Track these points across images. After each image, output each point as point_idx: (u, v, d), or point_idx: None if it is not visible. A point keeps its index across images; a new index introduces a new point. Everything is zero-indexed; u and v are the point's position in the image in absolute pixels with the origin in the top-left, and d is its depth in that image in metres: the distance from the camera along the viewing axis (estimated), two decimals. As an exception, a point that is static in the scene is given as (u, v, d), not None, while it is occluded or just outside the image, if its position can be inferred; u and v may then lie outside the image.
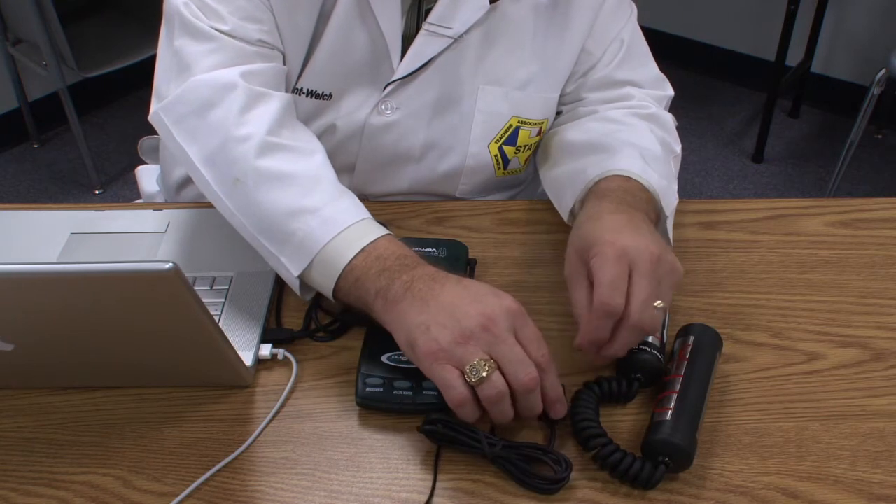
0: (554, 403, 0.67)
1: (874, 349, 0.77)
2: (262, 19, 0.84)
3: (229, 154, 0.78)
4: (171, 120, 0.81)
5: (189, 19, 0.82)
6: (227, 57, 0.82)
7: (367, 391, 0.70)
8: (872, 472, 0.66)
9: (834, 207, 0.94)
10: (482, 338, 0.64)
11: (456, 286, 0.68)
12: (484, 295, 0.67)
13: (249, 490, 0.65)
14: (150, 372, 0.72)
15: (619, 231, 0.70)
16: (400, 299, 0.68)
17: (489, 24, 0.88)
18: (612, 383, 0.70)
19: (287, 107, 0.83)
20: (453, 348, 0.64)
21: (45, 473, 0.66)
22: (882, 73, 2.05)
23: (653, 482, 0.64)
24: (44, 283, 0.58)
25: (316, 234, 0.74)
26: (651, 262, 0.68)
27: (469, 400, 0.64)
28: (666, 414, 0.66)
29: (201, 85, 0.80)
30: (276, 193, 0.76)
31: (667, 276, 0.70)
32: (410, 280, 0.69)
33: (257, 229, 0.77)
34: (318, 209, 0.75)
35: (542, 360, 0.65)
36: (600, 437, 0.66)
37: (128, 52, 2.37)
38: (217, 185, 0.79)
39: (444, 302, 0.66)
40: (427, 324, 0.65)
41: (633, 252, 0.68)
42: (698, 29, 3.00)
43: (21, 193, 2.52)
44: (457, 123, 0.93)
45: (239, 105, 0.79)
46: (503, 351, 0.64)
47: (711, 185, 2.53)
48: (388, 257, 0.72)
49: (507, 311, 0.66)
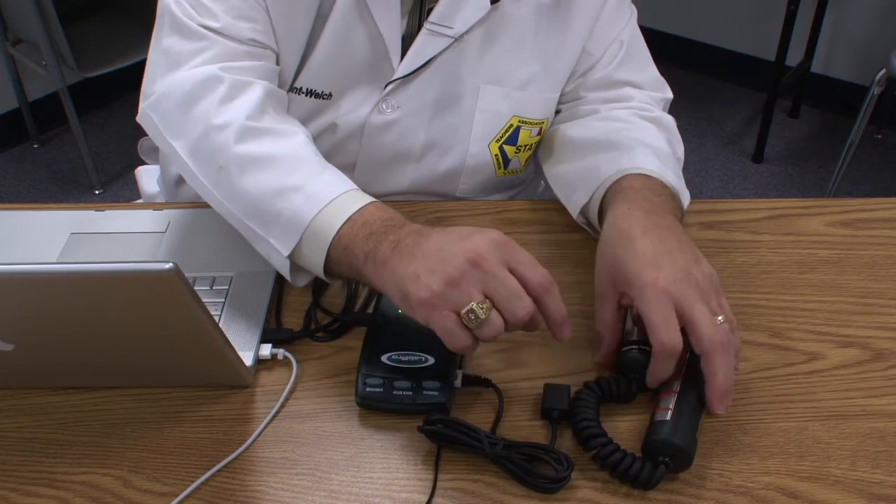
0: (559, 325, 0.67)
1: (874, 349, 0.76)
2: (256, 18, 0.84)
3: (211, 143, 0.78)
4: (159, 117, 0.82)
5: (179, 18, 0.83)
6: (216, 54, 0.82)
7: (367, 391, 0.70)
8: (872, 472, 0.66)
9: (834, 207, 0.94)
10: (473, 275, 0.64)
11: (441, 233, 0.67)
12: (469, 234, 0.66)
13: (249, 490, 0.65)
14: (150, 372, 0.72)
15: (656, 264, 0.69)
16: (388, 258, 0.68)
17: (490, 24, 0.88)
18: (612, 383, 0.70)
19: (269, 93, 0.83)
20: (446, 291, 0.63)
21: (45, 473, 0.66)
22: (882, 73, 2.05)
23: (653, 482, 0.63)
24: (44, 283, 0.58)
25: (302, 211, 0.74)
26: (694, 286, 0.68)
27: (472, 345, 0.64)
28: (666, 414, 0.66)
29: (185, 80, 0.81)
30: (259, 176, 0.76)
31: (712, 292, 0.69)
32: (397, 239, 0.68)
33: (244, 214, 0.77)
34: (302, 186, 0.75)
35: (543, 281, 0.65)
36: (600, 437, 0.65)
37: (128, 52, 2.37)
38: (203, 175, 0.79)
39: (430, 249, 0.66)
40: (417, 272, 0.65)
41: (673, 287, 0.68)
42: (698, 29, 3.00)
43: (21, 193, 2.52)
44: (457, 123, 0.93)
45: (220, 95, 0.80)
46: (495, 285, 0.64)
47: (711, 185, 2.53)
48: (374, 222, 0.71)
49: (493, 244, 0.65)
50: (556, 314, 0.66)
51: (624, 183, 0.80)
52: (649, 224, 0.74)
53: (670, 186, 0.81)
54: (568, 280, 0.84)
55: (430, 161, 0.95)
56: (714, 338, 0.66)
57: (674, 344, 0.66)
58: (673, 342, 0.66)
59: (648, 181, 0.80)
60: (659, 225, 0.74)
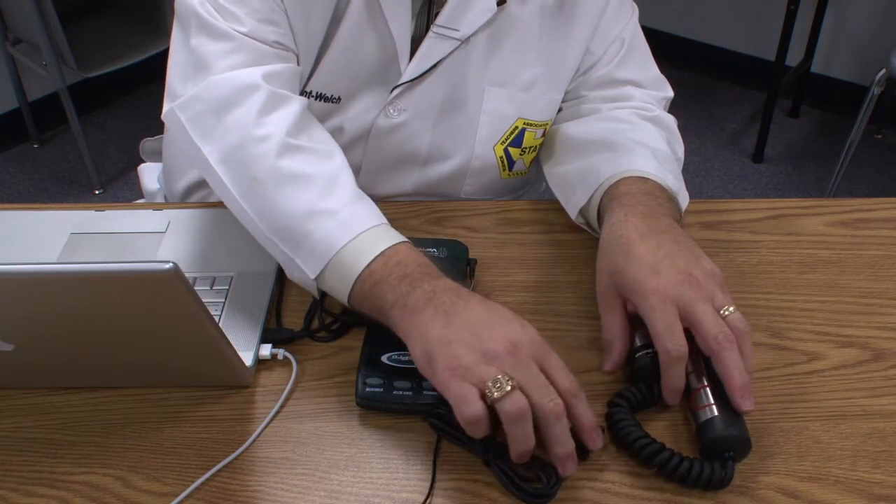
0: (589, 432, 0.64)
1: (874, 349, 0.77)
2: (278, 21, 0.83)
3: (248, 153, 0.77)
4: (187, 117, 0.80)
5: (206, 19, 0.82)
6: (246, 57, 0.81)
7: (367, 391, 0.70)
8: (872, 472, 0.66)
9: (834, 207, 0.94)
10: (506, 361, 0.62)
11: (480, 305, 0.66)
12: (510, 321, 0.65)
13: (249, 490, 0.65)
14: (150, 372, 0.72)
15: (656, 269, 0.69)
16: (421, 309, 0.66)
17: (496, 26, 0.88)
18: (638, 392, 0.69)
19: (305, 110, 0.82)
20: (475, 366, 0.61)
21: (45, 473, 0.66)
22: (882, 73, 2.05)
23: (726, 480, 0.63)
24: (44, 283, 0.58)
25: (333, 237, 0.72)
26: (695, 287, 0.68)
27: (483, 417, 0.61)
28: (711, 410, 0.66)
29: (220, 84, 0.79)
30: (294, 194, 0.75)
31: (716, 287, 0.69)
32: (433, 290, 0.67)
33: (272, 230, 0.75)
34: (336, 212, 0.74)
35: (570, 387, 0.63)
36: (663, 452, 0.64)
37: (128, 52, 2.37)
38: (232, 184, 0.77)
39: (468, 320, 0.64)
40: (449, 339, 0.63)
41: (675, 291, 0.68)
42: (698, 29, 3.00)
43: (21, 193, 2.52)
44: (462, 125, 0.93)
45: (259, 106, 0.78)
46: (527, 376, 0.62)
47: (711, 185, 2.53)
48: (408, 263, 0.70)
49: (531, 340, 0.64)
50: (584, 420, 0.64)
51: (621, 188, 0.80)
52: (647, 229, 0.74)
53: (668, 189, 0.81)
54: (568, 280, 0.84)
55: (435, 163, 0.95)
56: (719, 337, 0.66)
57: (679, 350, 0.66)
58: (678, 348, 0.66)
59: (646, 184, 0.80)
60: (656, 229, 0.74)
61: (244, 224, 0.79)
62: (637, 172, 0.81)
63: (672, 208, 0.79)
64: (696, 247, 0.73)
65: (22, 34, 2.42)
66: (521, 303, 0.81)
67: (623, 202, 0.78)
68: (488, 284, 0.84)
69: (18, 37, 2.46)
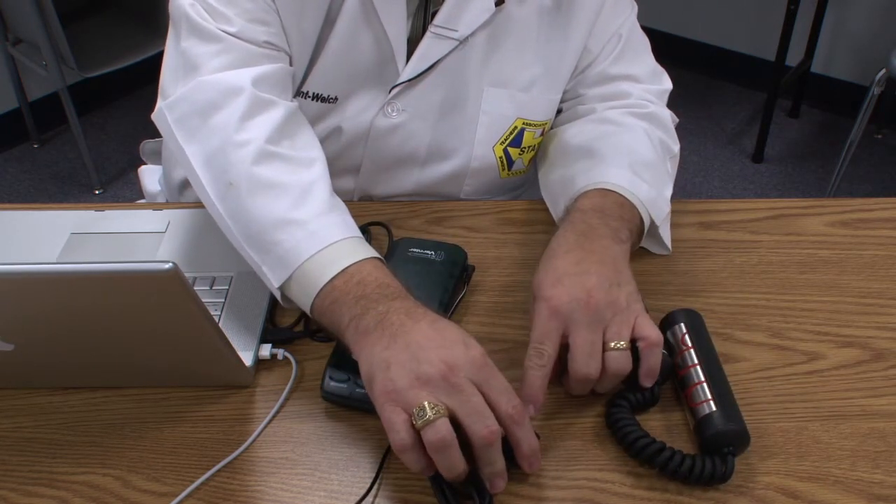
0: (527, 458, 0.63)
1: (874, 349, 0.76)
2: (269, 21, 0.83)
3: (226, 158, 0.77)
4: (174, 118, 0.80)
5: (196, 21, 0.82)
6: (235, 58, 0.81)
7: (331, 385, 0.70)
8: (872, 472, 0.66)
9: (834, 207, 0.94)
10: (440, 386, 0.60)
11: (428, 326, 0.64)
12: (453, 342, 0.63)
13: (249, 490, 0.65)
14: (150, 372, 0.72)
15: (560, 281, 0.70)
16: (371, 330, 0.65)
17: (494, 26, 0.88)
18: (636, 394, 0.69)
19: (290, 116, 0.82)
20: (406, 391, 0.60)
21: (45, 473, 0.66)
22: (882, 73, 2.05)
23: (728, 474, 0.63)
24: (44, 283, 0.58)
25: (300, 247, 0.72)
26: (587, 311, 0.68)
27: (410, 446, 0.59)
28: (708, 406, 0.66)
29: (207, 86, 0.80)
30: (266, 202, 0.75)
31: (616, 317, 0.69)
32: (386, 312, 0.66)
33: (243, 236, 0.75)
34: (306, 222, 0.73)
35: (513, 412, 0.61)
36: (665, 451, 0.64)
37: (128, 52, 2.37)
38: (210, 187, 0.77)
39: (410, 341, 0.63)
40: (389, 361, 0.62)
41: (566, 308, 0.68)
42: (698, 29, 3.00)
43: (21, 193, 2.52)
44: (462, 125, 0.93)
45: (242, 110, 0.78)
46: (460, 401, 0.60)
47: (711, 185, 2.53)
48: (369, 283, 0.69)
49: (471, 362, 0.62)
50: (524, 446, 0.62)
51: (579, 202, 0.81)
52: (574, 245, 0.74)
53: (634, 201, 0.81)
54: (568, 280, 0.84)
55: (434, 164, 0.95)
56: (579, 371, 0.67)
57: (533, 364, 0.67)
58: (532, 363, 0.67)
59: (605, 199, 0.80)
60: (585, 247, 0.74)
61: (220, 227, 0.78)
62: (604, 185, 0.82)
63: (621, 227, 0.78)
64: (622, 274, 0.72)
65: (22, 34, 2.42)
66: (521, 303, 0.81)
67: (571, 218, 0.79)
68: (488, 284, 0.84)
69: (18, 37, 2.46)
